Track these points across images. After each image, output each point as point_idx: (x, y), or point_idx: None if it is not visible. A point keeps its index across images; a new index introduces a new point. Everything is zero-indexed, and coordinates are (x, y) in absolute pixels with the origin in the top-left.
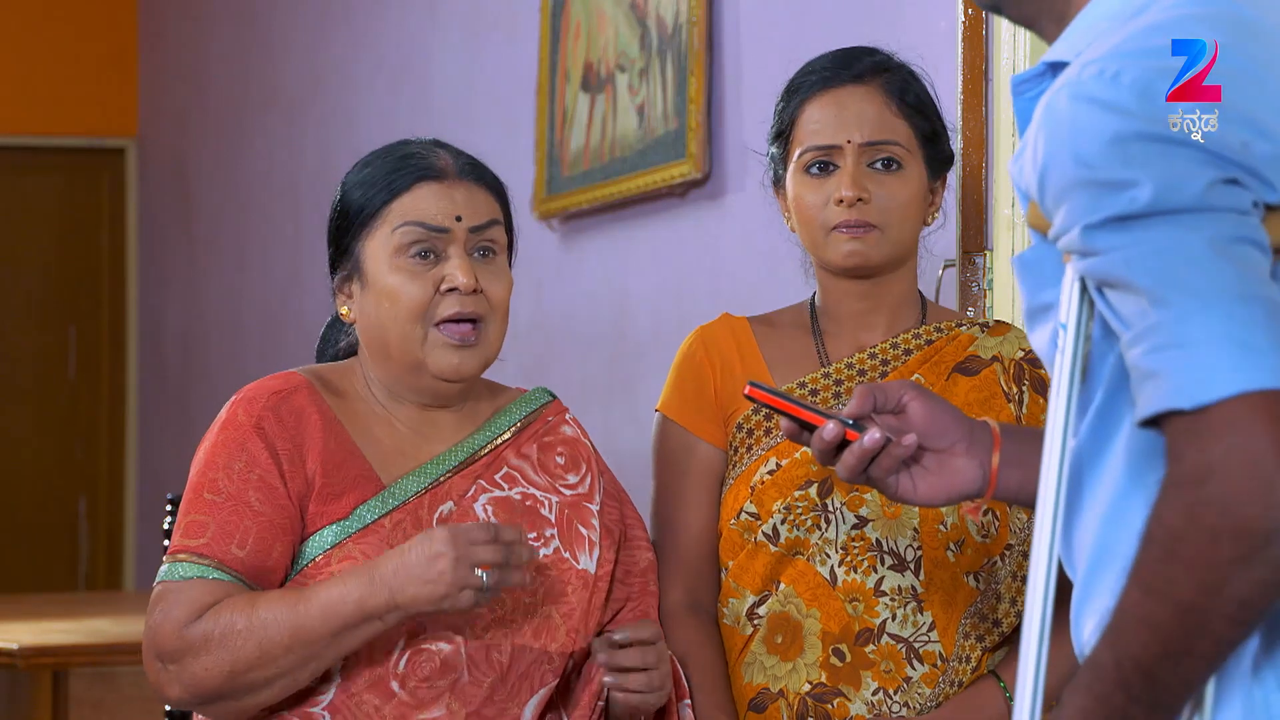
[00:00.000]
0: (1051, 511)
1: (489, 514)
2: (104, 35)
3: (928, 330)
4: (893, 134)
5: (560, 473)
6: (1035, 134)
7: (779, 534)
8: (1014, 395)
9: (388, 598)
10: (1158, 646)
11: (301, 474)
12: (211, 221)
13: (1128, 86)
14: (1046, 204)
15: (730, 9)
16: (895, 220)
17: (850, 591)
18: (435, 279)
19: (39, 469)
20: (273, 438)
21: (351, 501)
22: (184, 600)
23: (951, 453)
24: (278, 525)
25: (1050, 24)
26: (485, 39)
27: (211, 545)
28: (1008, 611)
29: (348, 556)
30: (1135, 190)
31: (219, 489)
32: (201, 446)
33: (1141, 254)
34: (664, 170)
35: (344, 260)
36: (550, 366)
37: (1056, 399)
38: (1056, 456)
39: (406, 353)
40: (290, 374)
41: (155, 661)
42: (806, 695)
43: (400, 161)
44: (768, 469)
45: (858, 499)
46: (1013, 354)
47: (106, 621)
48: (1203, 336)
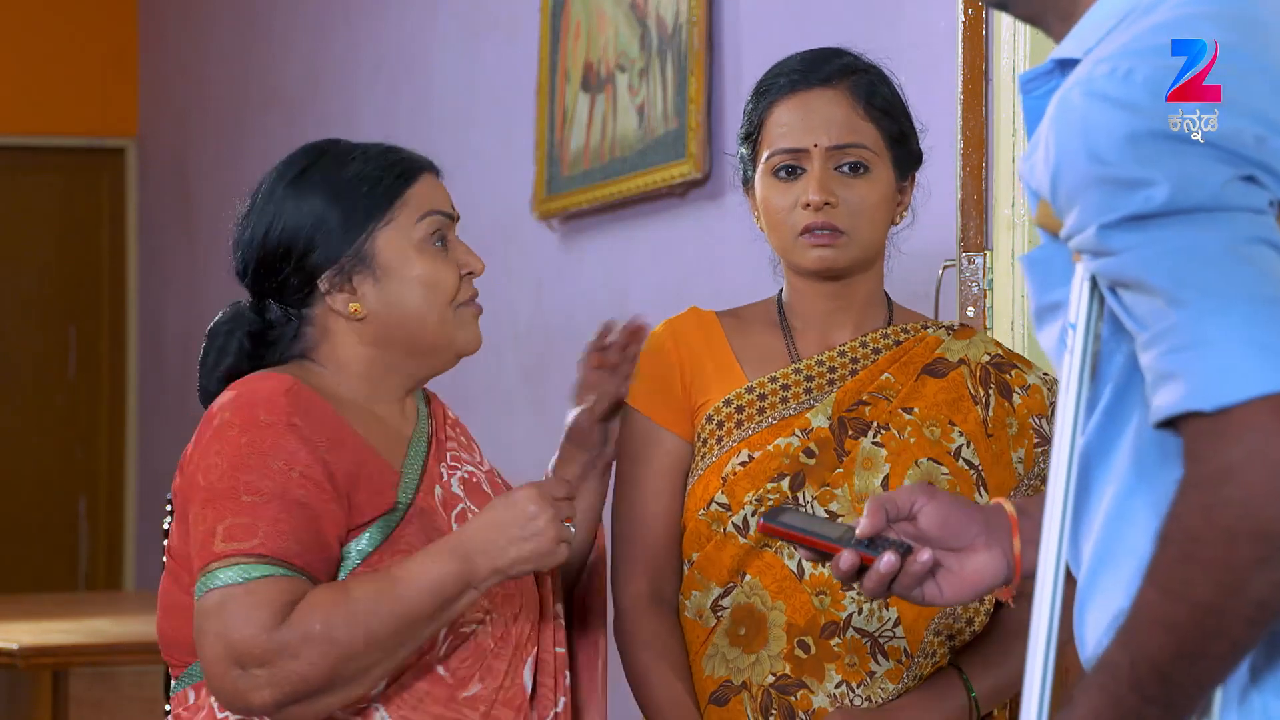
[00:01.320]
0: (1060, 511)
1: (462, 493)
2: (104, 35)
3: (895, 331)
4: (860, 137)
5: (470, 448)
6: (1047, 132)
7: (749, 525)
8: (980, 398)
9: (488, 565)
10: (1174, 647)
11: (343, 466)
12: (211, 221)
13: (1140, 84)
14: (1059, 203)
15: (730, 9)
16: (863, 224)
17: (817, 585)
18: (453, 264)
19: (39, 469)
20: (308, 433)
21: (388, 491)
22: (260, 602)
23: (972, 549)
24: (327, 518)
25: (1056, 21)
26: (485, 39)
27: (267, 544)
28: (978, 610)
29: (398, 550)
30: (1151, 189)
31: (259, 490)
32: (211, 451)
33: (1158, 254)
34: (664, 170)
35: (344, 257)
36: (550, 366)
37: (1066, 398)
38: (1065, 456)
39: (441, 334)
40: (276, 374)
41: (233, 668)
42: (770, 687)
43: (387, 156)
44: (740, 460)
45: (828, 494)
46: (979, 357)
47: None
48: (1221, 337)
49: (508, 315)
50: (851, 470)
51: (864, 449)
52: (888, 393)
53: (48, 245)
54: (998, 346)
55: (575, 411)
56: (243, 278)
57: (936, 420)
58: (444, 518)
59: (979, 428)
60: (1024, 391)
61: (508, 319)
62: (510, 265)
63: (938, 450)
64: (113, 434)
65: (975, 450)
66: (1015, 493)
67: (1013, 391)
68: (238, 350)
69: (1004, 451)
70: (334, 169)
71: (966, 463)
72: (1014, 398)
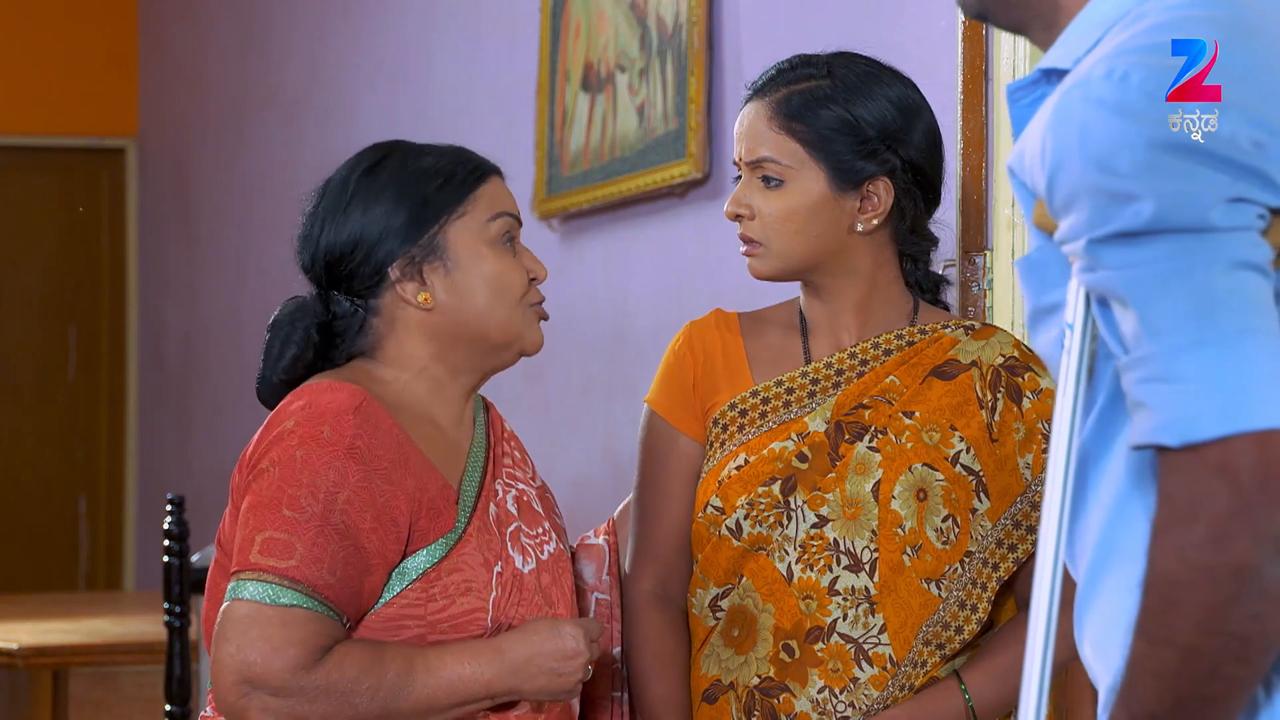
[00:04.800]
0: (1057, 514)
1: (516, 511)
2: (104, 35)
3: (911, 331)
4: (770, 150)
5: (524, 463)
6: (1044, 134)
7: (741, 529)
8: (987, 402)
9: (515, 684)
10: (1170, 697)
11: (404, 490)
12: (211, 221)
13: (1136, 88)
14: (1054, 205)
15: (730, 9)
16: (774, 235)
17: (805, 589)
18: (521, 266)
19: (39, 469)
20: (369, 456)
21: (449, 510)
22: (293, 639)
23: None
24: (368, 548)
25: (1040, 30)
26: (485, 39)
27: (302, 569)
28: (969, 619)
29: (455, 569)
30: (1139, 204)
31: (302, 507)
32: (267, 457)
33: (1140, 277)
34: (664, 170)
35: (415, 246)
36: (550, 366)
37: (1063, 401)
38: (1063, 458)
39: (509, 332)
40: (347, 386)
41: (244, 686)
42: (755, 689)
43: (460, 154)
44: (736, 464)
45: (819, 498)
46: (992, 359)
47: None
48: (1193, 373)
49: None
50: (844, 475)
51: (858, 453)
52: (890, 395)
53: (48, 245)
54: (1016, 348)
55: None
56: (309, 270)
57: (937, 425)
58: (498, 537)
59: (982, 433)
60: (1035, 396)
61: None
62: None
63: (935, 456)
64: (113, 434)
65: (976, 456)
66: (1021, 499)
67: (1023, 395)
68: (303, 340)
69: (1009, 457)
70: (407, 163)
71: (965, 469)
72: (1024, 402)
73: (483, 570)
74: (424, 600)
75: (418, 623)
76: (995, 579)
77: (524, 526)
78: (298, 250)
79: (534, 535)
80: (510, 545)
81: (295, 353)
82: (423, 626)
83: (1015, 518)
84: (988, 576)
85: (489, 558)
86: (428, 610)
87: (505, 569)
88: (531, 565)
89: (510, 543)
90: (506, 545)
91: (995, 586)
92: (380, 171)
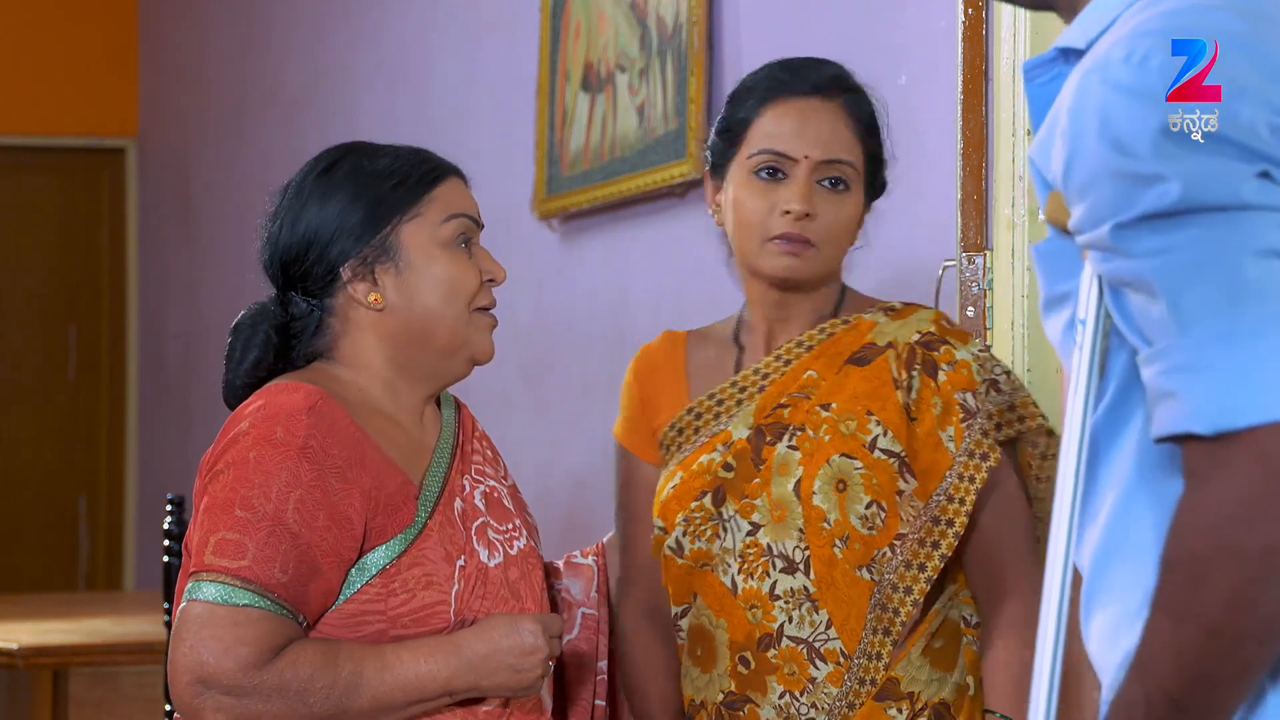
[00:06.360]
0: (1069, 510)
1: (484, 507)
2: (104, 35)
3: (834, 323)
4: (848, 154)
5: (495, 461)
6: (1063, 118)
7: (683, 546)
8: (903, 381)
9: (473, 681)
10: (1187, 674)
11: (360, 488)
12: (211, 221)
13: (1155, 71)
14: (1070, 191)
15: (730, 9)
16: (833, 239)
17: (750, 599)
18: (476, 268)
19: (39, 469)
20: (323, 456)
21: (408, 506)
22: (246, 637)
23: None
24: (320, 549)
25: (1065, 10)
26: (485, 39)
27: (254, 569)
28: (903, 600)
29: (415, 564)
30: (1165, 185)
31: (254, 508)
32: (223, 458)
33: (1171, 265)
34: (664, 170)
35: (368, 246)
36: (550, 366)
37: (1074, 396)
38: (1074, 453)
39: (455, 335)
40: (304, 386)
41: (197, 686)
42: (720, 705)
43: (417, 155)
44: (673, 483)
45: (749, 505)
46: (908, 338)
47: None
48: (1224, 362)
49: (507, 315)
50: (769, 479)
51: (779, 454)
52: (809, 390)
53: (48, 245)
54: (935, 323)
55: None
56: (268, 270)
57: (854, 413)
58: (463, 532)
59: (899, 414)
60: (950, 368)
61: (507, 319)
62: (510, 265)
63: (852, 445)
64: (113, 434)
65: (895, 438)
66: (950, 473)
67: (939, 369)
68: (263, 343)
69: (930, 433)
70: (363, 163)
71: (885, 452)
72: (939, 375)
73: (444, 564)
74: (384, 595)
75: (379, 618)
76: (938, 556)
77: (492, 521)
78: (259, 251)
79: (503, 530)
80: (475, 539)
81: (256, 355)
82: (384, 621)
83: (948, 492)
84: (926, 556)
85: (451, 551)
86: (388, 605)
87: (469, 563)
88: (499, 560)
89: (475, 537)
90: (471, 539)
91: (938, 564)
92: (336, 171)
